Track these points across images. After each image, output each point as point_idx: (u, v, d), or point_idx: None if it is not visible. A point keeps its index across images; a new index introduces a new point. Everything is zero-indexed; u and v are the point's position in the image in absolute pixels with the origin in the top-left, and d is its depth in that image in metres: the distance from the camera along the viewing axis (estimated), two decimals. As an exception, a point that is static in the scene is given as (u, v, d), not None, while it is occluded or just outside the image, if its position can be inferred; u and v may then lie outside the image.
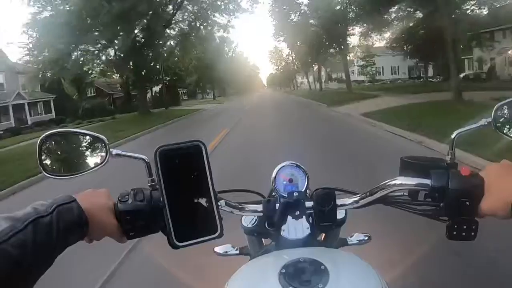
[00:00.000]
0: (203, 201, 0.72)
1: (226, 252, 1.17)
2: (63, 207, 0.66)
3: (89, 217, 0.68)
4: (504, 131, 0.77)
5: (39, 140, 0.76)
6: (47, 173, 0.77)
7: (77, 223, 0.66)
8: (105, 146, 0.77)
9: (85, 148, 0.79)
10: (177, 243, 0.70)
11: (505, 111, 0.78)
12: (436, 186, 0.73)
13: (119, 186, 0.83)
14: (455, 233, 0.73)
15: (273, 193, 0.96)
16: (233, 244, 1.18)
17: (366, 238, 1.15)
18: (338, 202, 0.84)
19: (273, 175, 0.94)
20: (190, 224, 0.71)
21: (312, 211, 0.84)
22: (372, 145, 8.30)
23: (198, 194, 0.72)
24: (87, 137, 0.79)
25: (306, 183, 0.94)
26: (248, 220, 1.00)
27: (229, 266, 0.89)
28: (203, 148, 0.72)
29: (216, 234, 0.72)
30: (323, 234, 1.02)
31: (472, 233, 0.73)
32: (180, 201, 0.71)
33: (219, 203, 0.75)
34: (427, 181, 0.74)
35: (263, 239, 1.04)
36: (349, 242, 1.13)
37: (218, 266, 1.21)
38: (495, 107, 0.77)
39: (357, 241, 1.14)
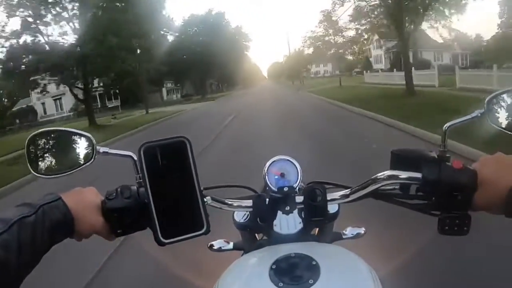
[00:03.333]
0: (189, 197, 0.71)
1: (221, 247, 1.17)
2: (48, 206, 0.66)
3: (75, 215, 0.68)
4: (497, 123, 0.75)
5: (27, 140, 0.77)
6: (35, 173, 0.77)
7: (62, 222, 0.66)
8: (92, 144, 0.78)
9: (72, 147, 0.80)
10: (163, 239, 0.70)
11: (498, 102, 0.76)
12: (427, 180, 0.71)
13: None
14: (447, 227, 0.71)
15: (267, 188, 0.95)
16: (228, 239, 1.17)
17: (361, 231, 1.15)
18: (329, 196, 0.83)
19: (265, 170, 0.93)
20: (176, 220, 0.71)
21: (302, 206, 0.83)
22: None
23: (184, 190, 0.71)
24: (75, 136, 0.80)
25: (298, 178, 0.93)
26: (240, 216, 0.99)
27: (224, 261, 0.88)
28: (187, 144, 0.72)
29: (203, 231, 0.72)
30: (317, 229, 1.02)
31: (465, 228, 0.71)
32: (166, 198, 0.70)
33: (205, 199, 0.74)
34: (418, 175, 0.73)
35: (256, 234, 1.04)
36: (343, 236, 1.12)
37: (213, 262, 1.20)
38: (488, 98, 0.76)
39: (352, 235, 1.14)
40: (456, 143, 5.54)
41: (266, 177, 0.92)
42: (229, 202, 0.85)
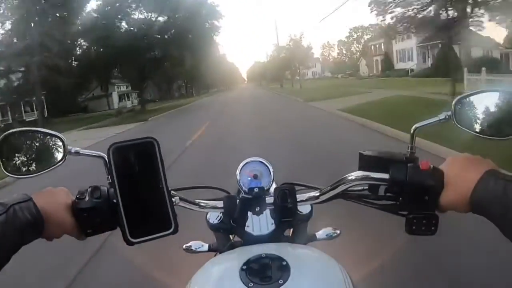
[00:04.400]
0: (157, 197, 0.72)
1: (195, 249, 1.16)
2: (18, 206, 0.65)
3: (45, 216, 0.68)
4: (464, 125, 0.76)
5: None
6: (8, 172, 0.76)
7: (32, 222, 0.66)
8: (63, 144, 0.77)
9: (45, 147, 0.79)
10: (131, 239, 0.70)
11: (465, 105, 0.77)
12: (394, 180, 0.73)
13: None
14: (414, 227, 0.73)
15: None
16: (204, 241, 1.17)
17: (336, 232, 1.16)
18: (300, 197, 0.84)
19: (238, 171, 0.94)
20: (144, 220, 0.71)
21: (273, 207, 0.84)
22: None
23: (152, 191, 0.72)
24: (46, 136, 0.79)
25: (270, 179, 0.94)
26: (214, 217, 0.99)
27: (199, 262, 0.89)
28: (155, 145, 0.72)
29: (171, 230, 0.72)
30: (291, 230, 1.03)
31: (432, 228, 0.72)
32: (135, 198, 0.71)
33: (173, 199, 0.74)
34: (386, 176, 0.74)
35: (230, 236, 1.04)
36: (318, 237, 1.13)
37: (188, 263, 1.20)
38: (455, 100, 0.76)
39: (326, 236, 1.15)
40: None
41: (239, 178, 0.93)
42: (199, 203, 0.86)
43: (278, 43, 60.70)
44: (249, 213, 0.85)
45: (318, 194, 0.84)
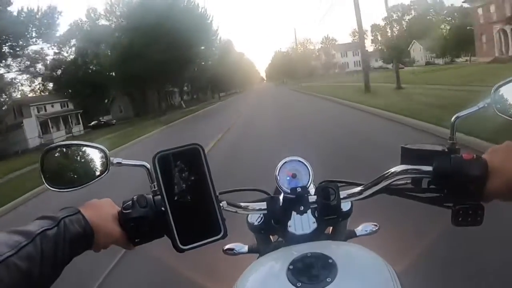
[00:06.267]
0: (205, 203, 0.73)
1: (236, 251, 1.17)
2: (68, 219, 0.67)
3: (94, 227, 0.69)
4: (503, 112, 0.75)
5: (41, 154, 0.78)
6: (50, 187, 0.78)
7: (83, 234, 0.68)
8: (106, 155, 0.79)
9: (86, 159, 0.81)
10: (182, 246, 0.71)
11: (504, 92, 0.76)
12: (438, 172, 0.72)
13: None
14: (460, 219, 0.72)
15: (279, 190, 0.96)
16: (243, 243, 1.18)
17: (375, 228, 1.15)
18: (342, 194, 0.84)
19: (276, 171, 0.94)
20: (193, 226, 0.72)
21: (316, 205, 0.84)
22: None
23: (199, 197, 0.72)
24: (88, 148, 0.81)
25: (309, 178, 0.94)
26: (254, 218, 1.00)
27: (239, 264, 0.89)
28: (201, 151, 0.73)
29: (220, 235, 0.73)
30: (331, 228, 1.02)
31: (478, 218, 0.72)
32: (182, 205, 0.71)
33: (221, 204, 0.75)
34: (429, 168, 0.74)
35: (271, 236, 1.05)
36: (357, 234, 1.13)
37: (228, 265, 1.21)
38: (494, 88, 0.76)
39: (366, 232, 1.14)
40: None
41: (278, 178, 0.93)
42: (244, 206, 0.86)
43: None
44: (294, 213, 0.85)
45: (361, 189, 0.84)
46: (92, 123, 42.92)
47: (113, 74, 35.62)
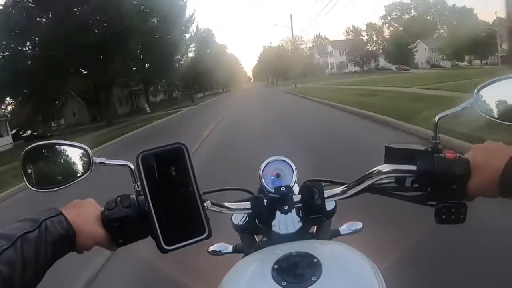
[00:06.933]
0: (189, 202, 0.72)
1: (220, 251, 1.17)
2: (50, 220, 0.66)
3: (76, 228, 0.68)
4: (485, 113, 0.77)
5: (22, 154, 0.77)
6: (32, 187, 0.77)
7: (65, 236, 0.66)
8: (88, 155, 0.78)
9: (69, 159, 0.80)
10: (166, 247, 0.70)
11: (487, 93, 0.78)
12: (422, 172, 0.73)
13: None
14: (444, 217, 0.73)
15: (263, 189, 0.96)
16: (227, 242, 1.18)
17: (359, 227, 1.16)
18: (326, 193, 0.84)
19: (260, 171, 0.94)
20: (177, 227, 0.71)
21: (300, 204, 0.84)
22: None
23: (183, 196, 0.72)
24: (70, 148, 0.80)
25: (293, 177, 0.94)
26: (238, 218, 1.00)
27: (224, 265, 0.89)
28: (185, 150, 0.72)
29: (204, 235, 0.72)
30: (315, 227, 1.03)
31: (461, 216, 0.73)
32: (166, 205, 0.71)
33: (205, 204, 0.75)
34: (412, 167, 0.75)
35: (255, 236, 1.04)
36: (341, 232, 1.13)
37: (213, 266, 1.21)
38: (477, 88, 0.77)
39: (350, 231, 1.15)
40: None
41: (262, 178, 0.93)
42: (228, 205, 0.86)
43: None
44: (278, 212, 0.85)
45: (345, 188, 0.85)
46: (25, 134, 33.26)
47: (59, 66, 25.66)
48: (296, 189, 0.90)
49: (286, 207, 0.83)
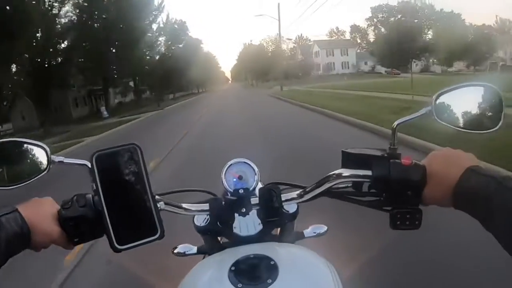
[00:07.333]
0: (142, 203, 0.72)
1: (184, 252, 1.17)
2: (4, 217, 0.65)
3: (31, 226, 0.68)
4: (444, 120, 0.77)
5: None
6: None
7: (19, 233, 0.66)
8: (47, 153, 0.77)
9: (27, 157, 0.79)
10: (118, 246, 0.70)
11: (445, 100, 0.78)
12: (377, 177, 0.74)
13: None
14: (398, 222, 0.74)
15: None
16: (193, 244, 1.17)
17: (323, 230, 1.17)
18: (284, 197, 0.85)
19: (222, 173, 0.94)
20: (130, 227, 0.72)
21: (258, 207, 0.85)
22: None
23: (136, 197, 0.72)
24: (29, 146, 0.79)
25: (255, 180, 0.95)
26: (201, 219, 0.99)
27: (189, 265, 0.89)
28: (138, 151, 0.73)
29: (157, 236, 0.73)
30: (279, 229, 1.03)
31: (416, 222, 0.74)
32: (119, 205, 0.71)
33: (158, 204, 0.75)
34: (369, 172, 0.75)
35: (219, 237, 1.05)
36: (306, 235, 1.14)
37: (178, 266, 1.20)
38: (435, 95, 0.78)
39: (314, 233, 1.15)
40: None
41: (224, 180, 0.93)
42: (185, 206, 0.86)
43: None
44: (236, 214, 0.85)
45: (302, 192, 0.85)
46: None
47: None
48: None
49: (244, 210, 0.83)
